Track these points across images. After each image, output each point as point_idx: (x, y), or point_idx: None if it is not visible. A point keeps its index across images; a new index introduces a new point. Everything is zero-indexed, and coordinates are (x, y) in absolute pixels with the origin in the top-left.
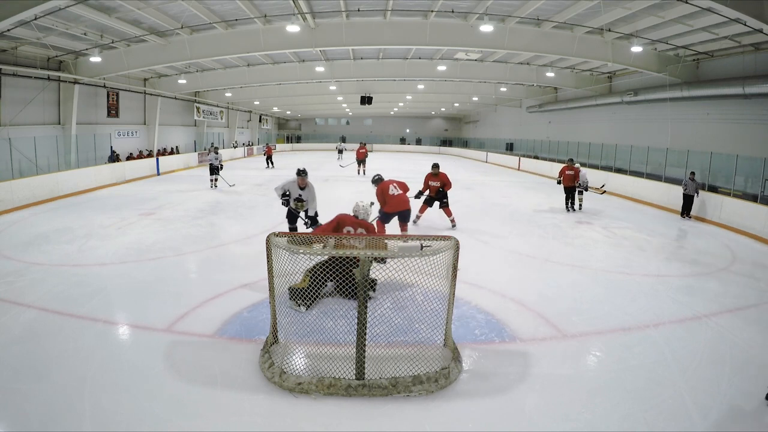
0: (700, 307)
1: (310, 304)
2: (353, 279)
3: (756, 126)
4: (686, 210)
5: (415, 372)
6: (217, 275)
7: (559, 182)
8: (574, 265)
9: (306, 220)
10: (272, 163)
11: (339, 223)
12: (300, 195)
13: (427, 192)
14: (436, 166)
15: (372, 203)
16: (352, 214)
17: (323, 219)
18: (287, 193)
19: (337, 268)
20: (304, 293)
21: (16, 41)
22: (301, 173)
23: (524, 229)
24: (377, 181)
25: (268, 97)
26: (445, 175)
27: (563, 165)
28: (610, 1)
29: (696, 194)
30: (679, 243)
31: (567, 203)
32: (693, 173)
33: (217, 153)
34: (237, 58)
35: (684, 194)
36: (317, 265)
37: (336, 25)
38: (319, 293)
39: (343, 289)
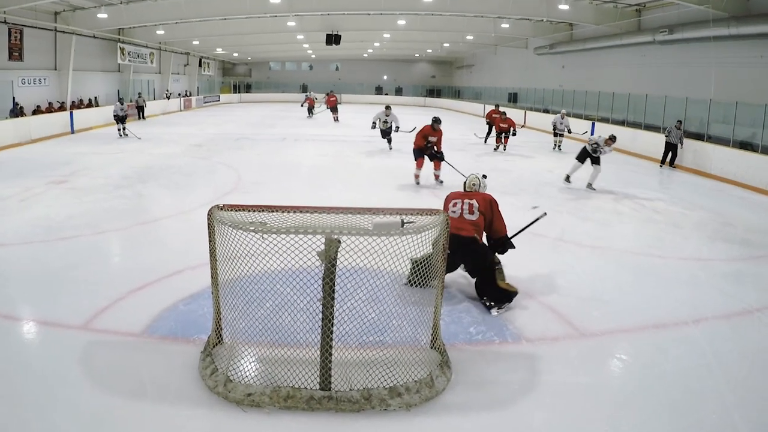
0: (752, 299)
1: None
2: None
3: None
4: None
5: (393, 380)
6: (147, 259)
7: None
8: (594, 245)
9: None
10: None
11: (446, 200)
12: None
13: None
14: (436, 120)
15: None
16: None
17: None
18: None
19: None
20: None
21: None
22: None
23: (531, 200)
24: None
25: (211, 35)
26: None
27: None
28: None
29: None
30: (724, 218)
31: None
32: None
33: (122, 104)
34: None
35: None
36: None
37: None
38: None
39: None
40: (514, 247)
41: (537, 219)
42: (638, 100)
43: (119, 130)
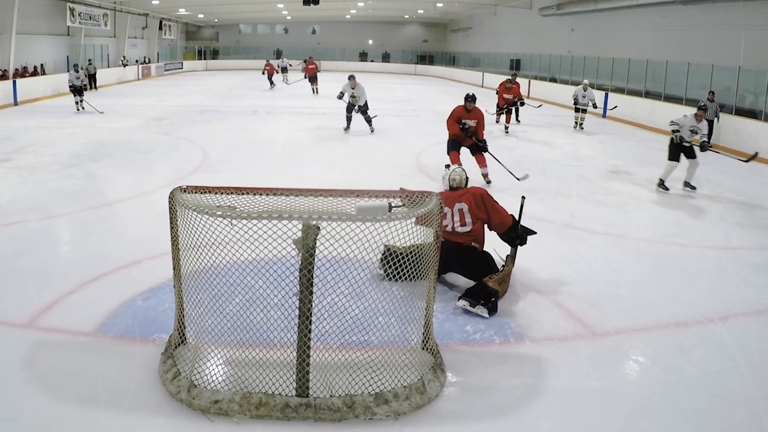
0: None
1: None
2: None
3: None
4: None
5: (379, 386)
6: (100, 247)
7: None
8: (608, 232)
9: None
10: None
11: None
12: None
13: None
14: (470, 98)
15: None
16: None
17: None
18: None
19: None
20: None
21: None
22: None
23: (537, 181)
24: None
25: None
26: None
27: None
28: None
29: None
30: (756, 202)
31: None
32: None
33: (77, 72)
34: None
35: None
36: None
37: None
38: None
39: None
40: (534, 232)
41: (522, 206)
42: (658, 67)
43: (77, 103)
